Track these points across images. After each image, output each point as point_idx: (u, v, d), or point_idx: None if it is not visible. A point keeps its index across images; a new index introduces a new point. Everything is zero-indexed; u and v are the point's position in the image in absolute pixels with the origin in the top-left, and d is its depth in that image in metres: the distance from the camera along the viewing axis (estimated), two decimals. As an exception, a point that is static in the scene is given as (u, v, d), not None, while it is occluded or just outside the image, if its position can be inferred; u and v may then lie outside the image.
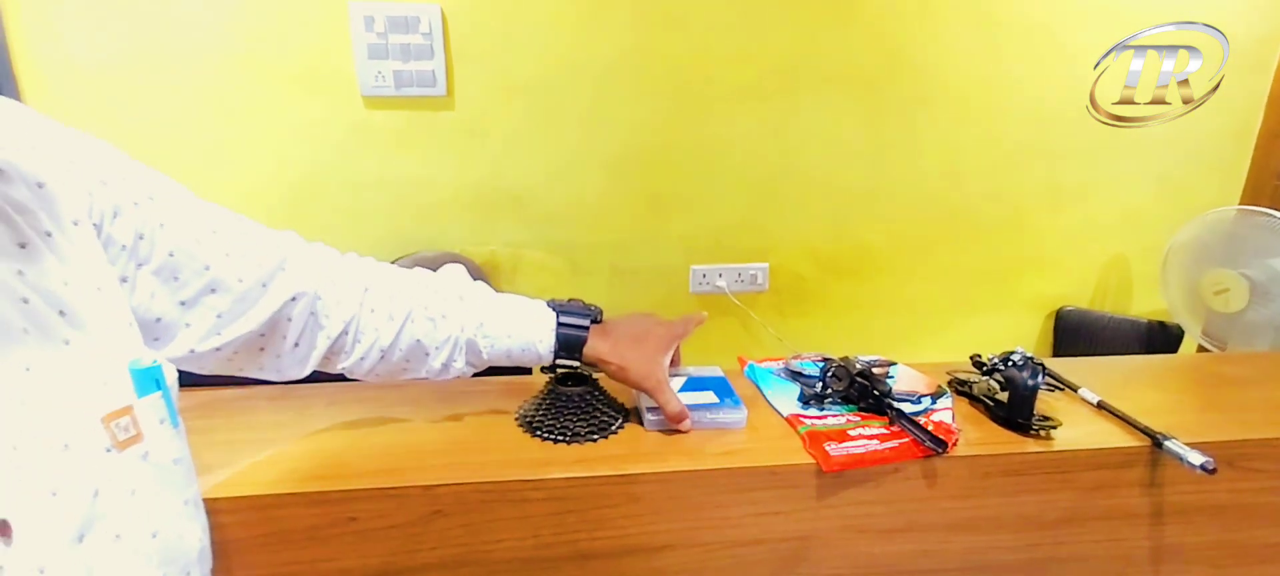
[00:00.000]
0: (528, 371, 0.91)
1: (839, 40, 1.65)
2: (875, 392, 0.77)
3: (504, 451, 0.71)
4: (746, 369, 0.91)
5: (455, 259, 1.67)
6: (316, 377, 0.69)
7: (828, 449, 0.70)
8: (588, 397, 0.77)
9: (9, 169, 0.43)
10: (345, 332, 0.65)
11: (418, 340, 0.68)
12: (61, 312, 0.42)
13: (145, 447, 0.43)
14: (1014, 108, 1.75)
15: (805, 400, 0.80)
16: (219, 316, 0.57)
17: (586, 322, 0.73)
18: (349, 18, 1.47)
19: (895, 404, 0.76)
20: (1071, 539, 0.76)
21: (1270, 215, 1.55)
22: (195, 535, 0.49)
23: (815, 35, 1.64)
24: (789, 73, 1.66)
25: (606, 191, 1.69)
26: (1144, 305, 1.96)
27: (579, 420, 0.75)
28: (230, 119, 1.51)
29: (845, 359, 0.81)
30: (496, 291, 0.74)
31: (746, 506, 0.71)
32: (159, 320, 0.54)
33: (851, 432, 0.73)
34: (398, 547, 0.66)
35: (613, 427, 0.75)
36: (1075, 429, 0.76)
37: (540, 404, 0.77)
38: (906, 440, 0.72)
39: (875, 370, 0.80)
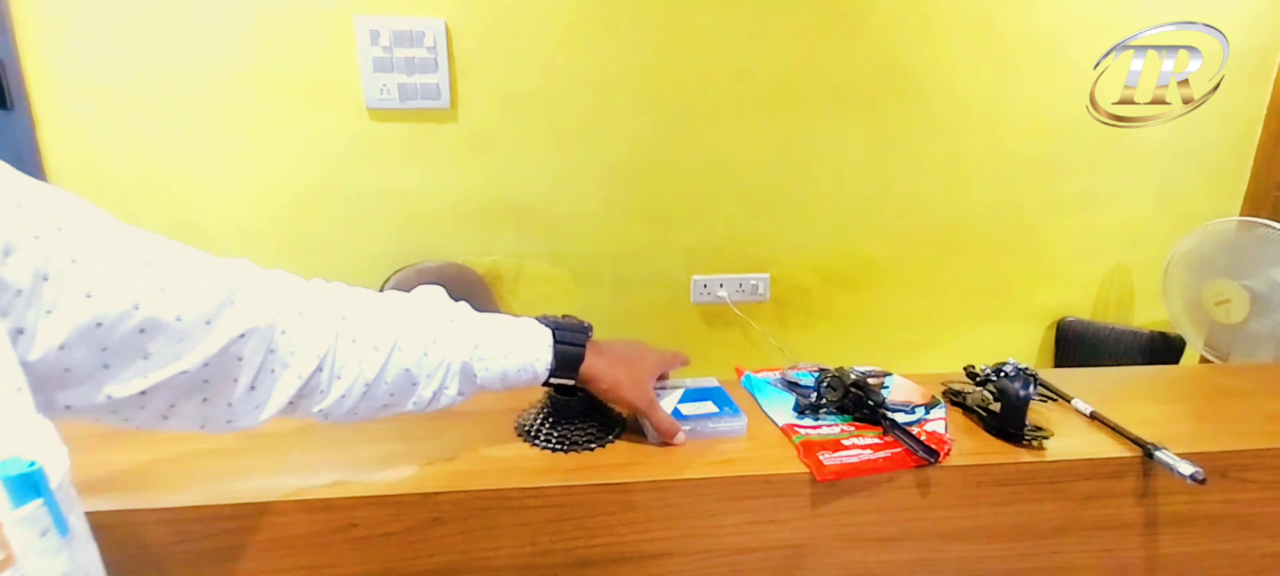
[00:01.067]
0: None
1: (841, 54, 1.67)
2: (869, 403, 0.78)
3: (503, 459, 0.72)
4: (743, 379, 0.92)
5: (458, 269, 1.68)
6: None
7: (822, 458, 0.71)
8: (586, 407, 0.78)
9: None
10: (320, 370, 0.58)
11: (407, 369, 0.62)
12: None
13: (19, 570, 0.35)
14: (1015, 119, 1.77)
15: (800, 410, 0.81)
16: (146, 358, 0.48)
17: (583, 340, 0.72)
18: (355, 32, 1.49)
19: (889, 414, 0.77)
20: (1065, 548, 0.77)
21: (1271, 226, 1.55)
22: None
23: (818, 49, 1.66)
24: (791, 86, 1.68)
25: (609, 202, 1.71)
26: (1146, 316, 1.96)
27: (577, 429, 0.76)
28: (237, 130, 1.54)
29: (840, 369, 0.82)
30: (483, 307, 0.72)
31: (742, 515, 0.72)
32: (67, 370, 0.45)
33: (845, 442, 0.74)
34: (397, 554, 0.67)
35: (610, 437, 0.76)
36: (1068, 439, 0.77)
37: (539, 413, 0.78)
38: (899, 450, 0.73)
39: (870, 381, 0.81)
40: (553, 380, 0.71)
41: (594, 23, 1.57)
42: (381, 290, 0.69)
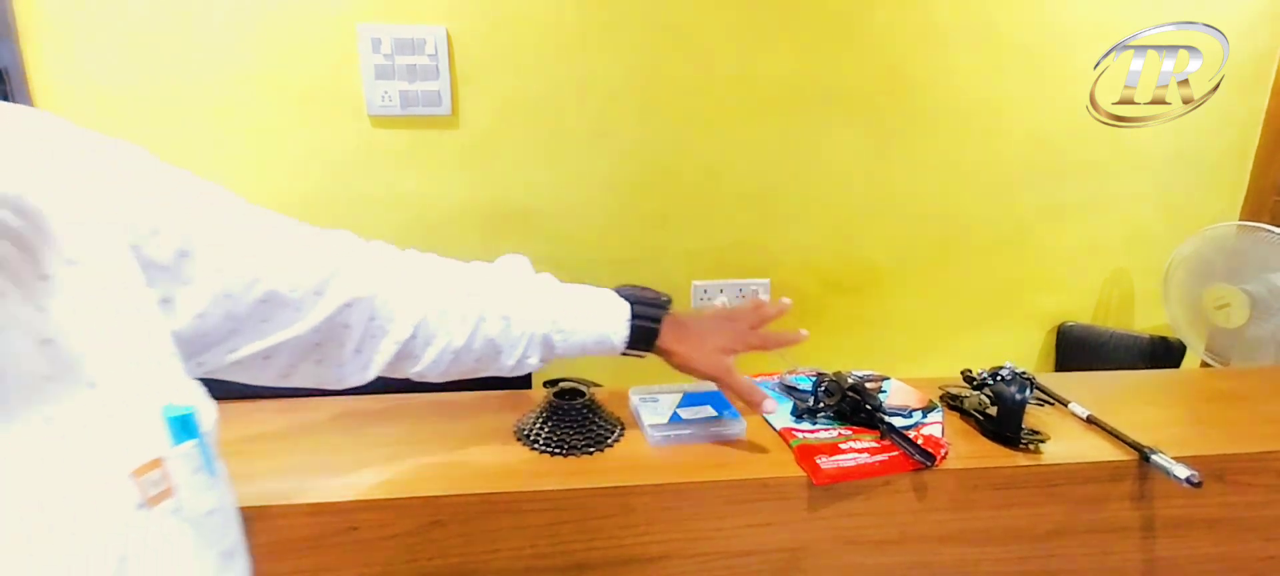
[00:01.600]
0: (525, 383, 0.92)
1: (841, 60, 1.67)
2: (867, 407, 0.78)
3: (502, 463, 0.73)
4: (742, 383, 0.92)
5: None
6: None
7: (819, 462, 0.71)
8: (584, 411, 0.78)
9: (22, 198, 0.39)
10: (414, 337, 0.64)
11: (491, 339, 0.67)
12: (86, 352, 0.38)
13: (178, 501, 0.39)
14: (1015, 124, 1.77)
15: (798, 414, 0.81)
16: (265, 322, 0.54)
17: (659, 315, 0.74)
18: (357, 39, 1.50)
19: (886, 418, 0.77)
20: (1062, 552, 0.77)
21: (1270, 231, 1.56)
22: None
23: (817, 55, 1.66)
24: (791, 92, 1.68)
25: (609, 208, 1.71)
26: (1147, 320, 1.96)
27: (576, 433, 0.76)
28: (240, 137, 1.55)
29: (837, 373, 0.83)
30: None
31: (740, 518, 0.72)
32: (204, 336, 0.51)
33: (842, 446, 0.74)
34: (397, 556, 0.68)
35: (609, 440, 0.77)
36: (1064, 443, 0.77)
37: (538, 417, 0.78)
38: (896, 453, 0.73)
39: (867, 385, 0.81)
40: (628, 352, 0.74)
41: (594, 30, 1.58)
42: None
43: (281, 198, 1.60)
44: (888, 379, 0.90)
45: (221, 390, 0.66)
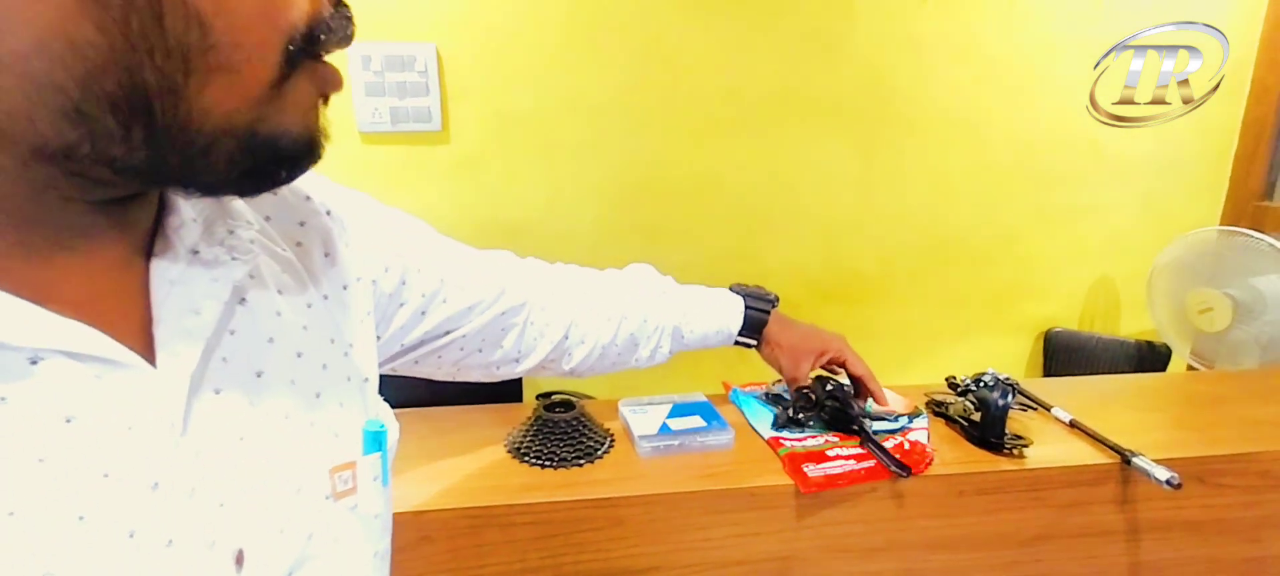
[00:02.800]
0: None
1: (827, 71, 1.69)
2: (846, 413, 0.79)
3: (491, 477, 0.73)
4: (730, 394, 0.93)
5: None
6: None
7: (806, 470, 0.72)
8: (575, 423, 0.79)
9: (312, 237, 0.48)
10: (566, 337, 0.74)
11: (631, 334, 0.77)
12: (324, 366, 0.45)
13: (356, 500, 0.45)
14: (999, 133, 1.79)
15: (779, 424, 0.82)
16: (447, 331, 0.65)
17: (768, 307, 0.85)
18: (347, 56, 1.51)
19: (866, 425, 0.78)
20: (1048, 555, 0.78)
21: (1250, 235, 1.58)
22: None
23: (803, 67, 1.68)
24: (779, 104, 1.70)
25: (600, 221, 1.72)
26: (1132, 326, 1.98)
27: (565, 445, 0.77)
28: (231, 156, 1.55)
29: (816, 379, 0.84)
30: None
31: (728, 528, 0.73)
32: (402, 344, 0.62)
33: (829, 454, 0.75)
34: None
35: (598, 452, 0.77)
36: (1047, 447, 0.78)
37: (527, 430, 0.79)
38: (883, 460, 0.74)
39: (850, 392, 0.82)
40: (740, 339, 0.85)
41: (583, 45, 1.60)
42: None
43: (272, 215, 1.60)
44: (874, 387, 0.90)
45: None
